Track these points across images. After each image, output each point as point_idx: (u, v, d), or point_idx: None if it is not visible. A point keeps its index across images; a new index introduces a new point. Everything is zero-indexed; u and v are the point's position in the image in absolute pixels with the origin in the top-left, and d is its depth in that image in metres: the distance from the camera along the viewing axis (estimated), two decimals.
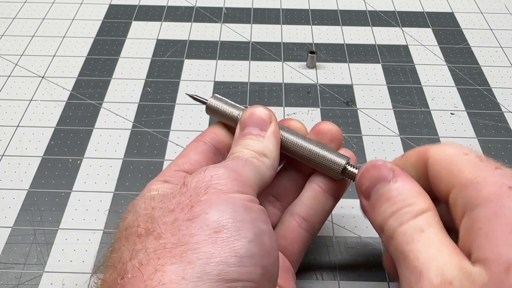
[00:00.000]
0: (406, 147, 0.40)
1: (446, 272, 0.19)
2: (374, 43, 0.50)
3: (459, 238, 0.21)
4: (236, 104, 0.30)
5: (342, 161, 0.28)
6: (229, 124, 0.29)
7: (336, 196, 0.29)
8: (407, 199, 0.22)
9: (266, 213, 0.23)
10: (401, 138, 0.40)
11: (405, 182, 0.23)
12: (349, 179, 0.28)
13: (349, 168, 0.28)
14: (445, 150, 0.24)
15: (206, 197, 0.22)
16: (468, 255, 0.20)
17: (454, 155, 0.23)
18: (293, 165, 0.30)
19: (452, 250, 0.20)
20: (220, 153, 0.29)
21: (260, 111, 0.27)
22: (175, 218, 0.21)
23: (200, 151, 0.28)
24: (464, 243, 0.21)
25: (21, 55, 0.48)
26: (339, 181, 0.29)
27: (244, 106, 0.29)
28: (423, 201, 0.22)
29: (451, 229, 0.23)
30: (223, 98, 0.30)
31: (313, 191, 0.29)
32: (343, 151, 0.29)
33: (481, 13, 0.54)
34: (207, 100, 0.30)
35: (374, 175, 0.24)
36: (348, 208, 0.35)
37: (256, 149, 0.26)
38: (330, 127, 0.29)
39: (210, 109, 0.30)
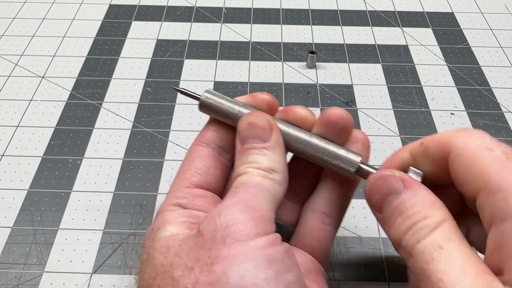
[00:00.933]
0: None
1: None
2: (374, 43, 0.50)
3: (486, 248, 0.20)
4: (231, 99, 0.27)
5: (356, 160, 0.25)
6: (226, 122, 0.27)
7: (354, 185, 0.28)
8: (421, 211, 0.21)
9: (290, 252, 0.22)
10: (401, 138, 0.40)
11: (417, 191, 0.22)
12: (363, 178, 0.26)
13: (363, 166, 0.25)
14: (468, 143, 0.22)
15: (225, 251, 0.20)
16: (497, 271, 0.19)
17: (477, 152, 0.21)
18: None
19: (477, 267, 0.19)
20: (225, 151, 0.27)
21: (258, 120, 0.25)
22: (195, 281, 0.20)
23: (205, 156, 0.26)
24: (492, 257, 0.20)
25: (21, 55, 0.48)
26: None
27: (239, 102, 0.27)
28: (438, 212, 0.21)
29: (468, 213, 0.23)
30: (217, 92, 0.27)
31: (330, 184, 0.27)
32: (357, 132, 0.27)
33: (481, 13, 0.54)
34: (200, 96, 0.27)
35: (383, 187, 0.23)
36: (348, 208, 0.35)
37: (264, 166, 0.24)
38: (340, 113, 0.26)
39: (205, 107, 0.27)
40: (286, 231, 0.26)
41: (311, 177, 0.29)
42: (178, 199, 0.25)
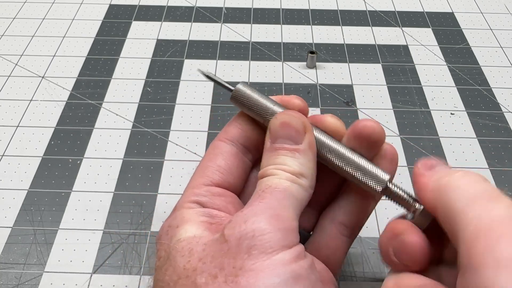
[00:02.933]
0: (406, 147, 0.40)
1: None
2: (374, 43, 0.50)
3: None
4: (264, 95, 0.26)
5: (384, 179, 0.25)
6: (255, 118, 0.26)
7: (377, 199, 0.28)
8: (468, 196, 0.21)
9: (314, 267, 0.22)
10: (401, 138, 0.40)
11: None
12: (388, 198, 0.25)
13: (391, 187, 0.25)
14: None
15: (250, 263, 0.20)
16: None
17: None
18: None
19: None
20: (248, 151, 0.27)
21: (293, 120, 0.24)
22: None
23: (229, 154, 0.26)
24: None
25: (21, 55, 0.48)
26: None
27: (273, 99, 0.26)
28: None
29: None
30: (250, 86, 0.26)
31: (353, 196, 0.27)
32: (387, 146, 0.27)
33: (481, 13, 0.54)
34: (232, 88, 0.26)
35: (439, 164, 0.23)
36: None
37: (293, 170, 0.23)
38: (374, 126, 0.25)
39: (236, 100, 0.26)
40: (301, 236, 0.26)
41: (333, 185, 0.28)
42: (197, 196, 0.24)
